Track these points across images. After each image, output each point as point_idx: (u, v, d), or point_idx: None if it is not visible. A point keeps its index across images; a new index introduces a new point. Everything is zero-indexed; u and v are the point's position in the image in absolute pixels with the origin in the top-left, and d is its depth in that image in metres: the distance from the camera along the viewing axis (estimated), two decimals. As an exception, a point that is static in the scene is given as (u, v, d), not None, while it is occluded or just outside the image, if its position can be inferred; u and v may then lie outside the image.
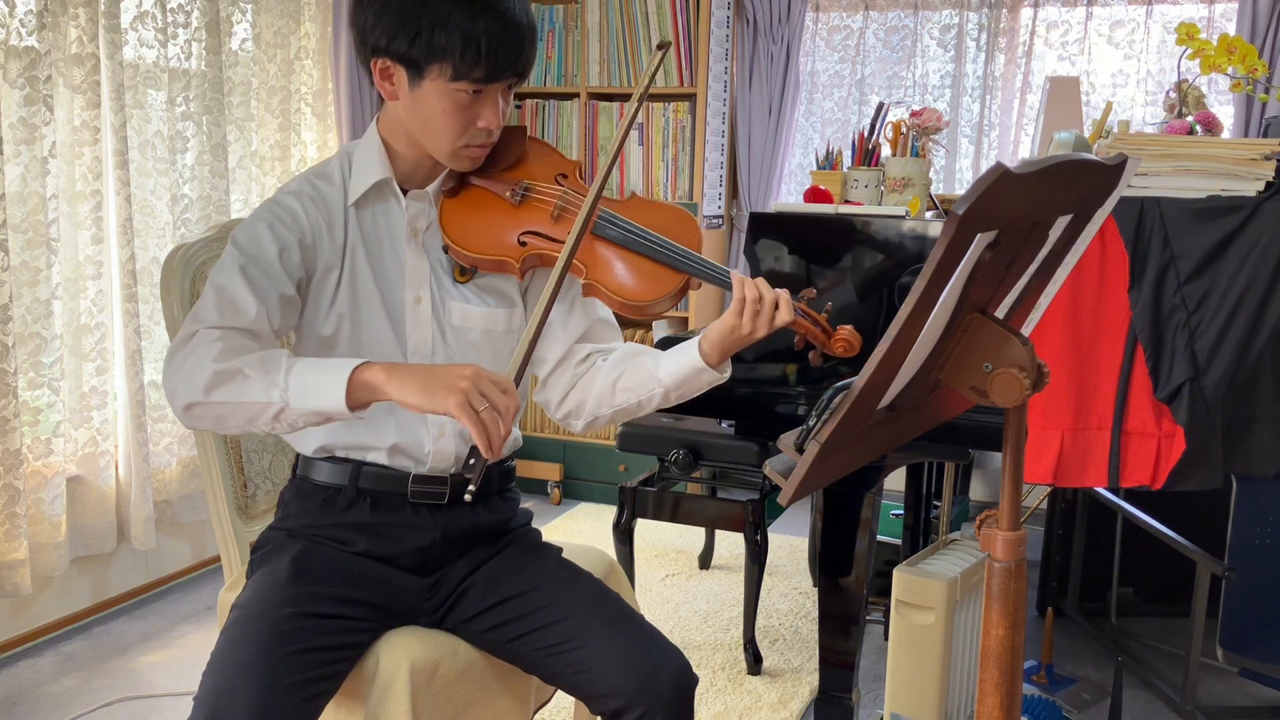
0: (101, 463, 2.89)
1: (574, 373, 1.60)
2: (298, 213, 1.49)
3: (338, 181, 1.53)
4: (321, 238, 1.50)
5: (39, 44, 2.63)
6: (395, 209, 1.54)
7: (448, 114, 1.45)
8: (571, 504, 4.09)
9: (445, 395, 1.29)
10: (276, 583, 1.45)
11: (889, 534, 3.38)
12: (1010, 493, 1.14)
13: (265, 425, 1.37)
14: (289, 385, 1.33)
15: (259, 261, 1.44)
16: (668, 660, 1.45)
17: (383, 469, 1.55)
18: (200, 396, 1.34)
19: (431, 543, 1.55)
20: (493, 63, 1.41)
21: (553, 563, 1.60)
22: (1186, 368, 2.04)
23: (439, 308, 1.55)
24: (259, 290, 1.41)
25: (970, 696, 2.29)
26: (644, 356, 1.56)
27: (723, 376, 1.52)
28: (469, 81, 1.42)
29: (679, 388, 1.52)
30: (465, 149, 1.49)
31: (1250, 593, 2.40)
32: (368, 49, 1.46)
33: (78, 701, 2.53)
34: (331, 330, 1.52)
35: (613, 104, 4.06)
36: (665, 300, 1.49)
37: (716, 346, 1.48)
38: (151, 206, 3.06)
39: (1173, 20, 3.68)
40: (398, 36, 1.41)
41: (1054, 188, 1.05)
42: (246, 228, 1.47)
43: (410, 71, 1.44)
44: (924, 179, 2.62)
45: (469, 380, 1.30)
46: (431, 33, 1.39)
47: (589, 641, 1.46)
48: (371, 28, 1.43)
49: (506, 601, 1.53)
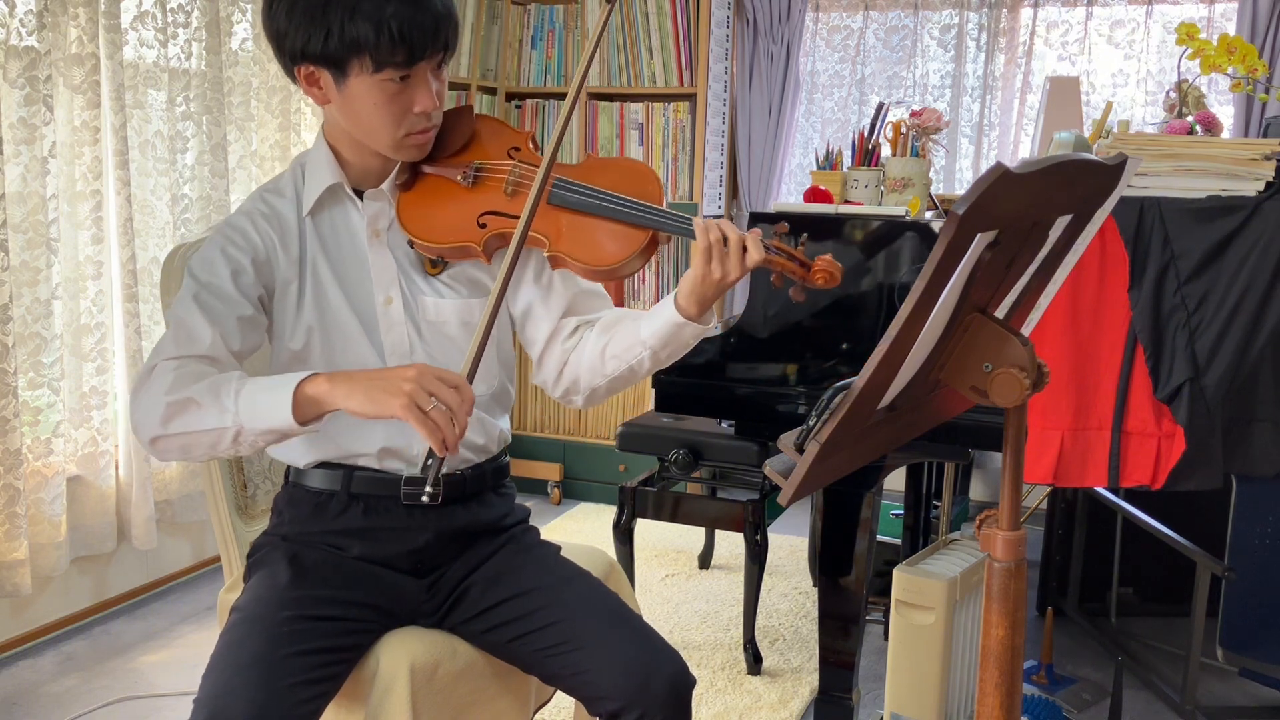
0: (101, 463, 2.89)
1: (563, 348, 1.58)
2: (248, 231, 1.48)
3: (290, 194, 1.53)
4: (275, 253, 1.49)
5: (39, 44, 2.63)
6: (352, 212, 1.53)
7: (380, 106, 1.42)
8: (571, 504, 4.09)
9: (389, 399, 1.28)
10: (275, 585, 1.45)
11: (889, 534, 3.38)
12: (1010, 493, 1.14)
13: (228, 450, 1.37)
14: (239, 408, 1.33)
15: (211, 287, 1.44)
16: (664, 662, 1.45)
17: (374, 473, 1.54)
18: (159, 430, 1.35)
19: (425, 544, 1.55)
20: (410, 45, 1.38)
21: (551, 563, 1.60)
22: (1186, 368, 2.04)
23: (411, 305, 1.54)
24: (213, 316, 1.41)
25: (970, 696, 2.29)
26: (627, 320, 1.53)
27: (706, 326, 1.48)
28: (392, 68, 1.39)
29: (665, 347, 1.49)
30: (407, 138, 1.47)
31: (1250, 593, 2.40)
32: (287, 57, 1.44)
33: (78, 701, 2.53)
34: (301, 344, 1.51)
35: (613, 104, 4.06)
36: (634, 259, 1.45)
37: (690, 298, 1.44)
38: (151, 206, 3.06)
39: (1173, 20, 3.68)
40: (311, 38, 1.39)
41: (1054, 188, 1.05)
42: (200, 255, 1.47)
43: (333, 71, 1.41)
44: (924, 179, 2.62)
45: (413, 381, 1.28)
46: (342, 27, 1.37)
47: (586, 643, 1.45)
48: (285, 34, 1.41)
49: (505, 602, 1.53)
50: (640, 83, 4.00)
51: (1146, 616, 3.02)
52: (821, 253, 1.45)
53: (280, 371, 1.52)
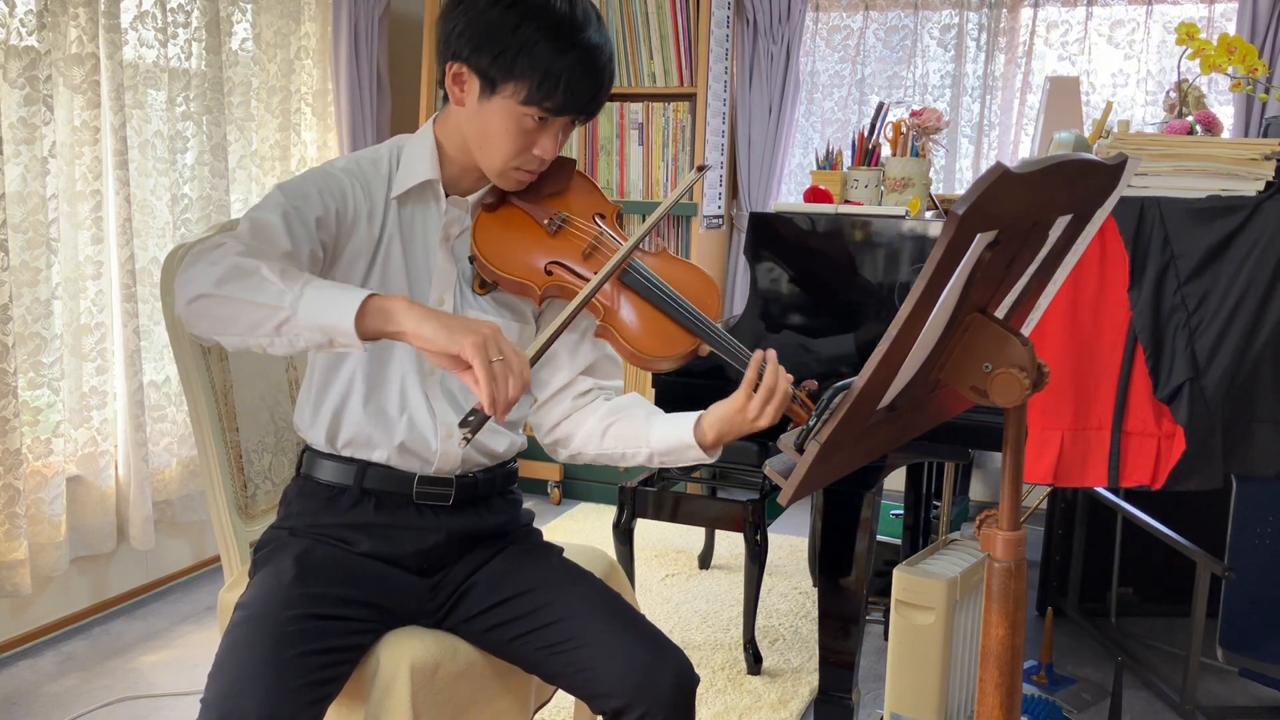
0: (101, 463, 2.89)
1: (572, 404, 1.61)
2: (345, 188, 1.49)
3: (384, 171, 1.54)
4: (360, 221, 1.50)
5: (39, 44, 2.63)
6: (434, 210, 1.55)
7: (509, 134, 1.45)
8: (571, 504, 4.09)
9: (463, 334, 1.24)
10: (280, 583, 1.45)
11: (889, 534, 3.38)
12: (1010, 493, 1.14)
13: (266, 336, 1.28)
14: (303, 293, 1.26)
15: (301, 212, 1.42)
16: (669, 659, 1.45)
17: (388, 469, 1.54)
18: (211, 289, 1.27)
19: (435, 545, 1.55)
20: (568, 98, 1.43)
21: (554, 562, 1.60)
22: (1186, 368, 2.04)
23: (459, 314, 1.54)
24: (294, 235, 1.40)
25: (970, 696, 2.29)
26: (640, 412, 1.57)
27: (710, 459, 1.52)
28: (539, 109, 1.43)
29: (665, 455, 1.53)
30: (515, 171, 1.50)
31: (1250, 593, 2.40)
32: (449, 51, 1.46)
33: (78, 701, 2.53)
34: None
35: (612, 104, 4.06)
36: (673, 360, 1.49)
37: (715, 427, 1.47)
38: (151, 206, 3.06)
39: (1173, 20, 3.68)
40: (482, 50, 1.42)
41: (1054, 188, 1.05)
42: (294, 182, 1.46)
43: (483, 83, 1.44)
44: (924, 179, 2.62)
45: (490, 331, 1.26)
46: (516, 56, 1.41)
47: (590, 641, 1.45)
48: (459, 34, 1.44)
49: (508, 601, 1.53)
50: (640, 82, 4.00)
51: (1146, 616, 3.02)
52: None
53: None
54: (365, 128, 3.87)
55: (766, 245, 2.34)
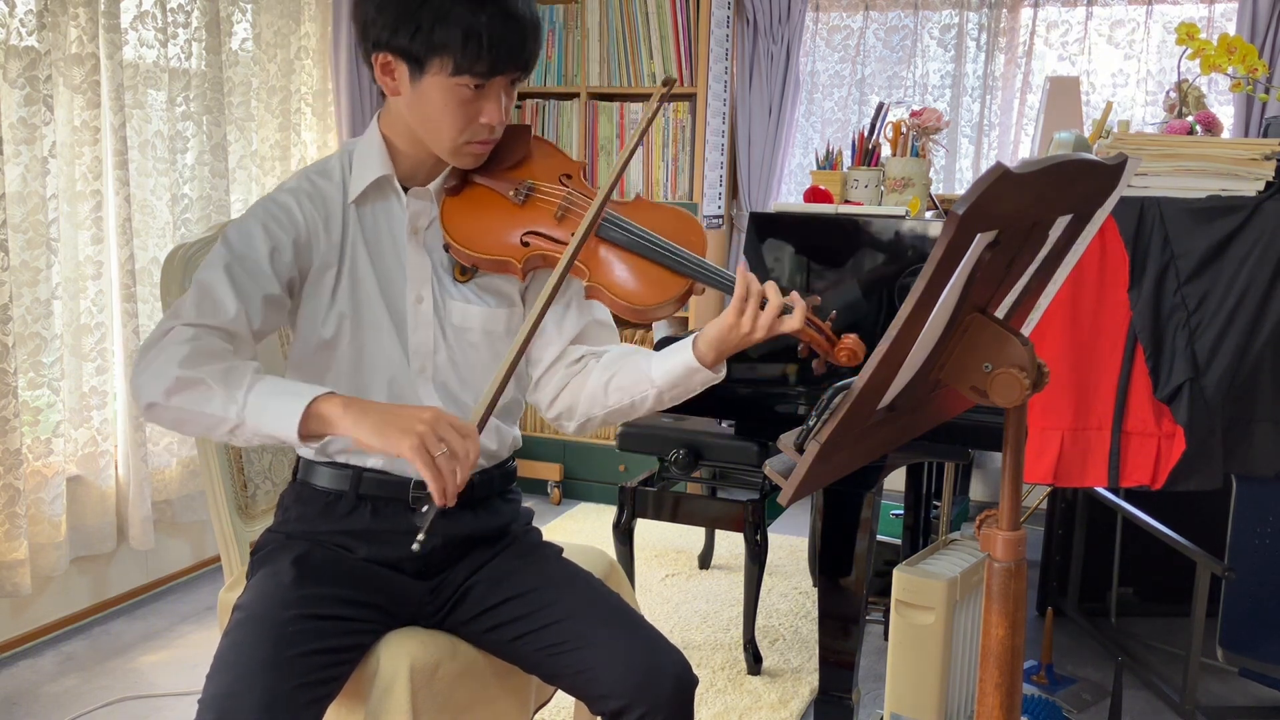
0: (101, 463, 2.89)
1: (566, 373, 1.59)
2: (293, 210, 1.48)
3: (337, 179, 1.52)
4: (317, 236, 1.49)
5: (39, 44, 2.63)
6: (396, 207, 1.53)
7: (449, 109, 1.43)
8: (571, 504, 4.09)
9: (400, 437, 1.27)
10: (280, 584, 1.44)
11: (889, 534, 3.38)
12: (1010, 493, 1.14)
13: (222, 437, 1.36)
14: (247, 402, 1.32)
15: (246, 260, 1.42)
16: (668, 660, 1.45)
17: (383, 475, 1.54)
18: (160, 399, 1.33)
19: (433, 549, 1.54)
20: (495, 57, 1.40)
21: (553, 562, 1.60)
22: (1186, 368, 2.04)
23: (440, 307, 1.54)
24: (242, 290, 1.40)
25: (970, 696, 2.29)
26: (637, 356, 1.55)
27: (718, 376, 1.49)
28: (470, 76, 1.41)
29: (673, 388, 1.50)
30: (467, 145, 1.48)
31: (1250, 593, 2.39)
32: (369, 43, 1.45)
33: (78, 701, 2.53)
34: (332, 332, 1.50)
35: (612, 104, 4.06)
36: (669, 304, 1.47)
37: (713, 345, 1.45)
38: (151, 206, 3.06)
39: (1173, 20, 3.68)
40: (399, 31, 1.40)
41: (1054, 188, 1.05)
42: (239, 225, 1.46)
43: (411, 66, 1.42)
44: (924, 179, 2.62)
45: (427, 424, 1.28)
46: (433, 27, 1.38)
47: (589, 641, 1.45)
48: (373, 21, 1.42)
49: (507, 601, 1.53)
50: (640, 83, 4.00)
51: (1146, 616, 3.02)
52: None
53: (305, 360, 1.52)
54: (365, 128, 3.86)
55: (767, 245, 2.34)
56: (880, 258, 2.27)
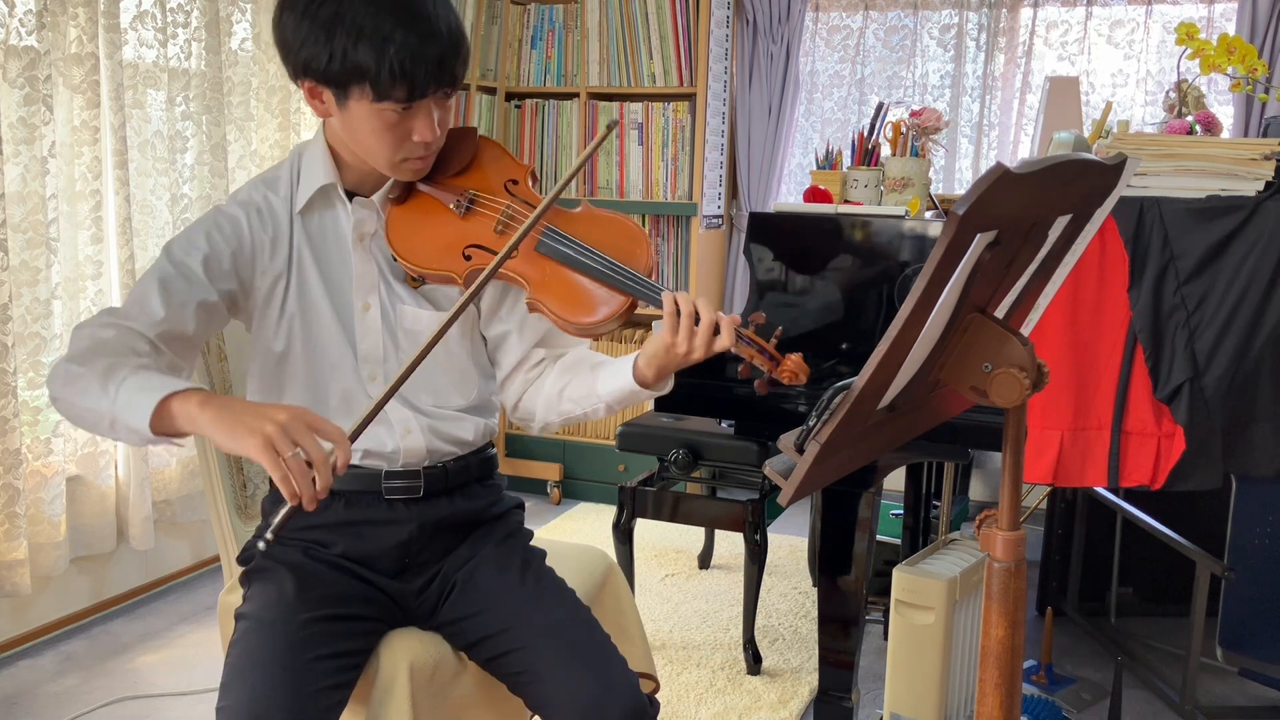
0: (101, 463, 2.89)
1: (526, 377, 1.60)
2: (240, 224, 1.47)
3: (284, 189, 1.51)
4: (262, 252, 1.48)
5: (39, 44, 2.63)
6: (342, 214, 1.52)
7: (378, 133, 1.41)
8: (571, 504, 4.09)
9: (246, 435, 1.21)
10: (283, 591, 1.44)
11: (889, 534, 3.38)
12: (1010, 493, 1.14)
13: (107, 433, 1.31)
14: (117, 397, 1.27)
15: (182, 268, 1.41)
16: (619, 698, 1.42)
17: (354, 468, 1.53)
18: (58, 390, 1.32)
19: (410, 537, 1.54)
20: (412, 81, 1.36)
21: (529, 578, 1.55)
22: (1186, 367, 2.04)
23: (389, 313, 1.53)
24: (172, 298, 1.39)
25: (970, 696, 2.29)
26: (585, 368, 1.55)
27: (662, 390, 1.49)
28: (392, 101, 1.37)
29: (619, 403, 1.51)
30: (404, 162, 1.46)
31: (1250, 593, 2.40)
32: (290, 69, 1.43)
33: (77, 701, 2.52)
34: (284, 344, 1.50)
35: (612, 104, 4.06)
36: (610, 322, 1.44)
37: (651, 364, 1.44)
38: (151, 206, 3.06)
39: (1173, 20, 3.68)
40: (315, 57, 1.37)
41: (1054, 188, 1.05)
42: (183, 235, 1.46)
43: (335, 91, 1.40)
44: (924, 179, 2.62)
45: (278, 424, 1.21)
46: (344, 53, 1.34)
47: (542, 676, 1.44)
48: (291, 47, 1.40)
49: (479, 615, 1.51)
50: (640, 82, 4.00)
51: (1146, 616, 3.02)
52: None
53: (264, 373, 1.52)
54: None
55: (766, 245, 2.34)
56: (880, 258, 2.27)
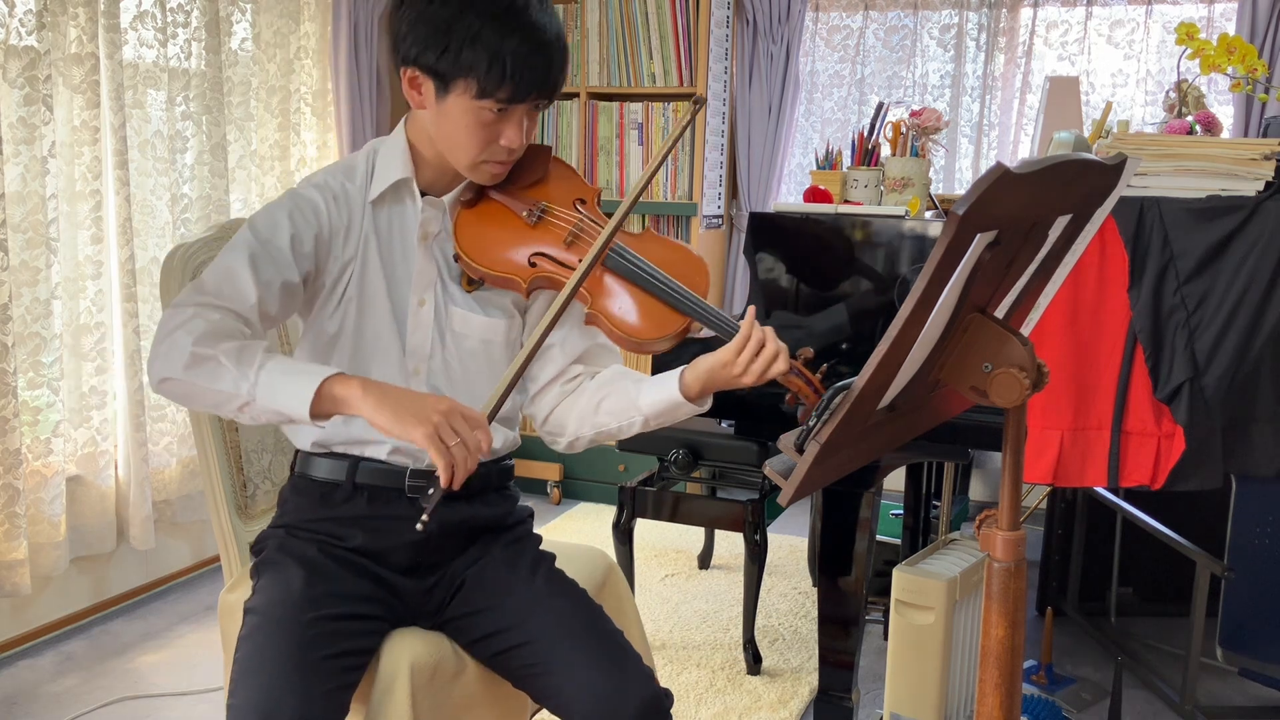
0: (101, 463, 2.89)
1: (561, 390, 1.62)
2: (319, 206, 1.50)
3: (359, 180, 1.55)
4: (338, 236, 1.51)
5: (39, 44, 2.63)
6: (410, 210, 1.55)
7: (470, 130, 1.46)
8: (571, 504, 4.09)
9: (415, 424, 1.29)
10: (291, 588, 1.45)
11: (889, 534, 3.38)
12: (1010, 493, 1.14)
13: (231, 414, 1.38)
14: (259, 380, 1.33)
15: (270, 246, 1.44)
16: (634, 688, 1.44)
17: (380, 464, 1.55)
18: (177, 373, 1.35)
19: (427, 538, 1.54)
20: (519, 83, 1.42)
21: (538, 576, 1.58)
22: (1186, 367, 2.04)
23: (441, 312, 1.56)
24: (262, 277, 1.42)
25: (970, 696, 2.29)
26: (627, 381, 1.57)
27: (702, 409, 1.52)
28: (493, 100, 1.43)
29: (658, 417, 1.54)
30: (485, 164, 1.50)
31: (1250, 593, 2.40)
32: (398, 57, 1.47)
33: (77, 701, 2.52)
34: (336, 326, 1.53)
35: (612, 104, 4.06)
36: (665, 340, 1.49)
37: (700, 379, 1.48)
38: (151, 206, 3.06)
39: (1173, 20, 3.68)
40: (428, 49, 1.42)
41: (1054, 188, 1.05)
42: (266, 211, 1.49)
43: (437, 84, 1.45)
44: (924, 179, 2.62)
45: (442, 414, 1.30)
46: (459, 49, 1.40)
47: (556, 667, 1.46)
48: (404, 37, 1.45)
49: (489, 610, 1.53)
50: (640, 82, 4.00)
51: (1146, 616, 3.02)
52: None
53: (307, 349, 1.55)
54: (365, 128, 3.87)
55: (766, 245, 2.34)
56: (880, 258, 2.27)
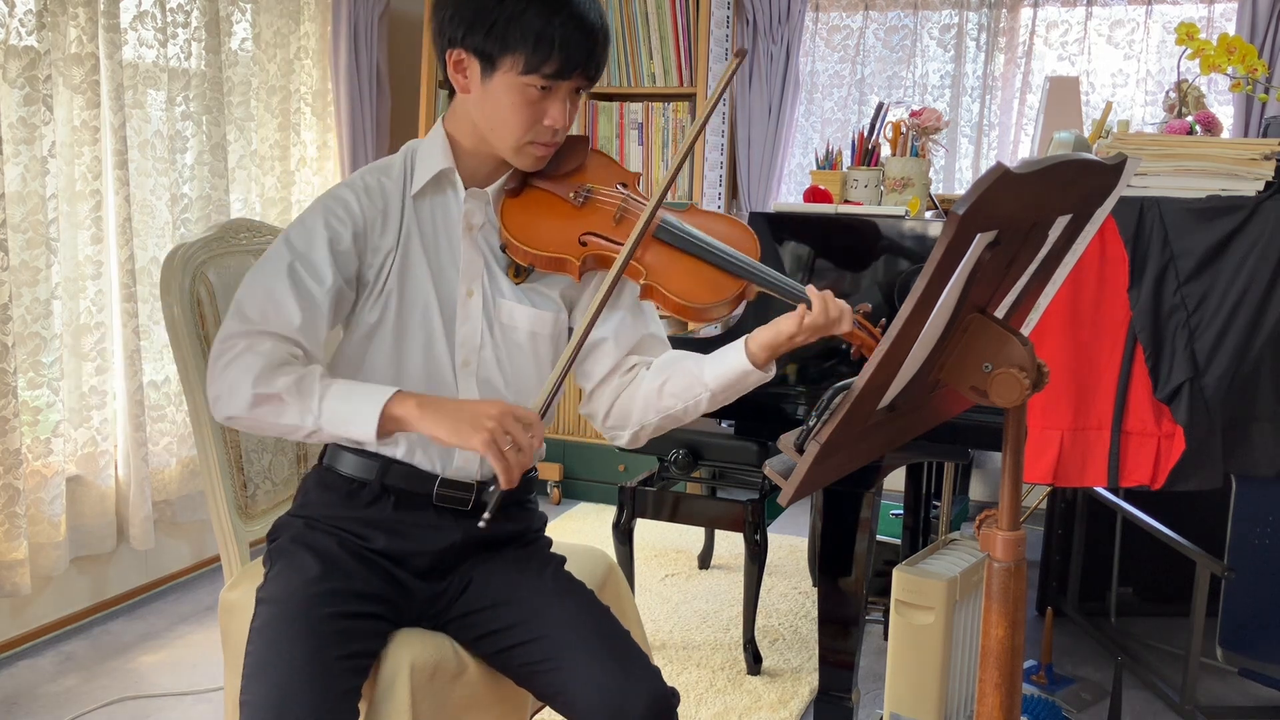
0: (101, 463, 2.89)
1: (619, 382, 1.61)
2: (350, 203, 1.50)
3: (397, 175, 1.55)
4: (374, 228, 1.51)
5: (39, 44, 2.63)
6: (453, 202, 1.56)
7: (516, 108, 1.47)
8: (571, 504, 4.09)
9: (471, 433, 1.35)
10: (305, 579, 1.45)
11: (889, 534, 3.38)
12: (1010, 493, 1.14)
13: (299, 439, 1.45)
14: (322, 411, 1.39)
15: (307, 260, 1.45)
16: (640, 686, 1.44)
17: (410, 468, 1.54)
18: (243, 413, 1.41)
19: (450, 546, 1.55)
20: (564, 59, 1.44)
21: (547, 575, 1.58)
22: (1186, 367, 2.04)
23: (489, 304, 1.56)
24: (305, 295, 1.43)
25: (970, 696, 2.29)
26: (688, 361, 1.57)
27: (768, 376, 1.53)
28: (539, 76, 1.45)
29: (725, 390, 1.53)
30: (530, 145, 1.51)
31: (1250, 593, 2.40)
32: (444, 40, 1.49)
33: (77, 701, 2.53)
34: (376, 317, 1.52)
35: (612, 104, 4.06)
36: (723, 305, 1.50)
37: (766, 347, 1.49)
38: (151, 206, 3.06)
39: (1173, 20, 3.68)
40: (474, 29, 1.45)
41: (1054, 188, 1.05)
42: (299, 224, 1.49)
43: (483, 63, 1.47)
44: (924, 179, 2.62)
45: (495, 419, 1.35)
46: (506, 26, 1.43)
47: (563, 663, 1.46)
48: (449, 20, 1.47)
49: (495, 607, 1.53)
50: (640, 82, 4.00)
51: (1146, 616, 3.02)
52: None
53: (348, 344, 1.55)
54: (365, 128, 3.87)
55: (766, 245, 2.34)
56: (880, 258, 2.27)
